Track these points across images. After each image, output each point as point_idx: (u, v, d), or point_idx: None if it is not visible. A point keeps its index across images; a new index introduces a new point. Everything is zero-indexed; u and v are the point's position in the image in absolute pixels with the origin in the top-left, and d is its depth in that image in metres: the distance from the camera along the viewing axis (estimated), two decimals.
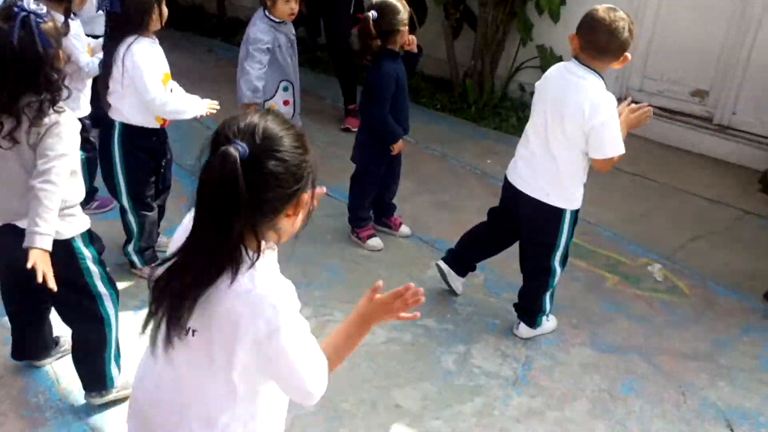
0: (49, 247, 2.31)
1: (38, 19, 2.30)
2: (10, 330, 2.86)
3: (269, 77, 4.21)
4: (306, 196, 1.53)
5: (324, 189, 1.68)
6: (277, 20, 4.18)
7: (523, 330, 3.39)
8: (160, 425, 1.65)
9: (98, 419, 2.71)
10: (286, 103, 4.27)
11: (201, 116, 3.49)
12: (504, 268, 3.80)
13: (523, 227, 3.32)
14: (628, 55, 2.95)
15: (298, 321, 1.52)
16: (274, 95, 4.24)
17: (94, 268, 2.59)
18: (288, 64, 4.30)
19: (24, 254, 2.53)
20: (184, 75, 3.47)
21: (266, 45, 4.13)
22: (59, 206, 2.36)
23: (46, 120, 2.34)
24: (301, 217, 1.57)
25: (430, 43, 6.26)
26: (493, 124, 6.02)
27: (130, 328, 3.21)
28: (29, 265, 2.26)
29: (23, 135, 2.35)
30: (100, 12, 3.33)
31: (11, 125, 2.33)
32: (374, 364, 3.14)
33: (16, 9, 2.28)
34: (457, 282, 3.66)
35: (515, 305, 3.44)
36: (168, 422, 1.63)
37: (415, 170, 5.05)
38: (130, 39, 3.23)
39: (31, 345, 2.87)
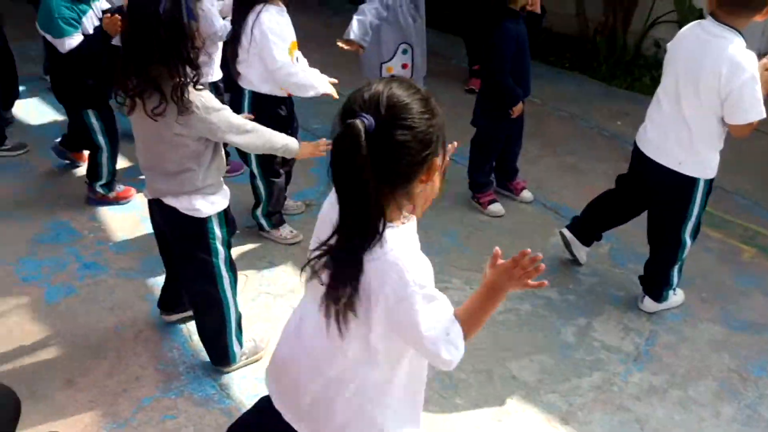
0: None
1: None
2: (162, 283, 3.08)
3: (389, 38, 4.16)
4: (438, 160, 1.52)
5: (455, 144, 1.67)
6: None
7: (649, 303, 3.27)
8: (296, 382, 1.72)
9: (226, 377, 2.86)
10: (404, 66, 4.22)
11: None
12: (631, 237, 3.67)
13: (652, 196, 3.17)
14: None
15: (428, 291, 1.51)
16: (392, 57, 4.19)
17: (221, 249, 2.67)
18: (409, 25, 4.23)
19: (167, 226, 2.68)
20: (311, 38, 3.52)
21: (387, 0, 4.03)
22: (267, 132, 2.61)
23: (195, 113, 2.35)
24: (437, 180, 1.57)
25: None
26: (625, 83, 5.76)
27: (258, 287, 3.38)
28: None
29: (171, 119, 2.36)
30: None
31: (156, 103, 2.33)
32: (491, 334, 3.13)
33: None
34: (581, 251, 3.57)
35: (641, 277, 3.32)
36: (304, 380, 1.69)
37: (541, 132, 4.93)
38: (258, 7, 3.26)
39: (169, 298, 3.07)
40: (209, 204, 2.60)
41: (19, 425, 2.14)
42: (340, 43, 3.97)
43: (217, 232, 2.65)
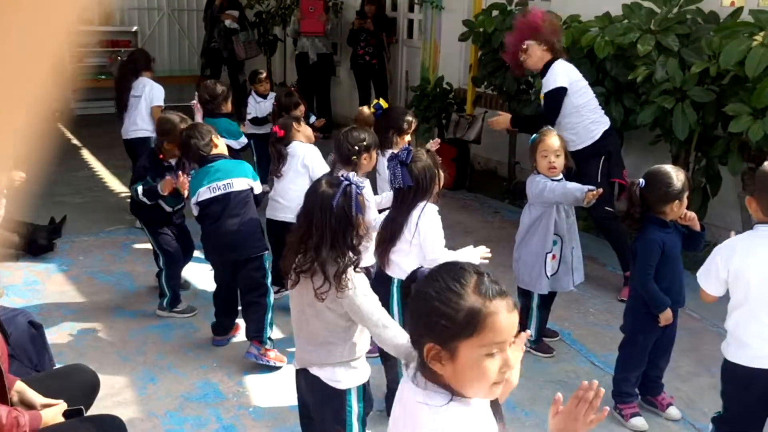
0: None
1: (357, 190, 2.65)
2: None
3: (542, 230, 4.27)
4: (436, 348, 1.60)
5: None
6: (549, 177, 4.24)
7: None
8: None
9: None
10: (553, 257, 4.29)
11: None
12: None
13: None
14: None
15: None
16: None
17: (356, 425, 2.74)
18: (562, 219, 4.32)
19: (310, 394, 2.80)
20: (470, 234, 3.67)
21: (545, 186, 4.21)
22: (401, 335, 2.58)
23: (349, 292, 2.58)
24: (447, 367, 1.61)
25: (724, 214, 5.97)
26: None
27: None
28: None
29: (328, 298, 2.62)
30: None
31: (320, 283, 2.60)
32: None
33: (342, 178, 2.68)
34: None
35: None
36: None
37: (696, 348, 4.69)
38: (422, 204, 3.51)
39: None
40: (350, 376, 2.72)
41: None
42: None
43: (354, 406, 2.73)
